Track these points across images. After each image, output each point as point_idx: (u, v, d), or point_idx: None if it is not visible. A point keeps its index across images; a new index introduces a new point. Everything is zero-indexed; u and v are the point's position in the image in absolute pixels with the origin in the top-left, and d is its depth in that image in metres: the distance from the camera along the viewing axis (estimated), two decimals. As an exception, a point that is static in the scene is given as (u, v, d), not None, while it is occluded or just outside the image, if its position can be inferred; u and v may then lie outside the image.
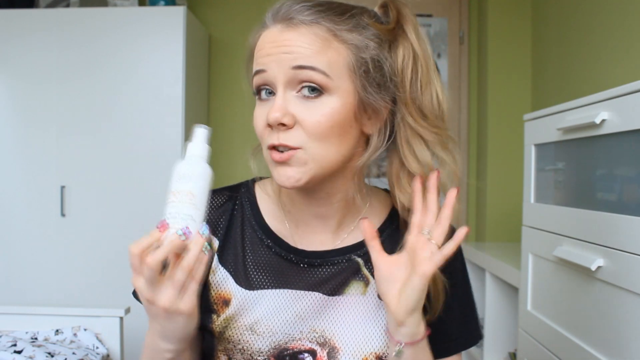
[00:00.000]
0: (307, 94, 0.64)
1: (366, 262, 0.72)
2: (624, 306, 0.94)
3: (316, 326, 0.70)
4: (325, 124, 0.63)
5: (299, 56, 0.63)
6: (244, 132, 2.79)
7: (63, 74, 2.34)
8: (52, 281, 2.34)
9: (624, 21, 1.67)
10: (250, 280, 0.72)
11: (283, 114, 0.63)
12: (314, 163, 0.64)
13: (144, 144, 2.30)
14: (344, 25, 0.65)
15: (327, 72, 0.63)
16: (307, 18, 0.65)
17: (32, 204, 2.36)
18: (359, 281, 0.72)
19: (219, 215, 0.76)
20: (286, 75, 0.64)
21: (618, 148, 1.00)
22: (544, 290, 1.31)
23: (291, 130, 0.64)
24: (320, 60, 0.63)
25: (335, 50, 0.64)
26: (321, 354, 0.70)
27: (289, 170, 0.65)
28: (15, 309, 1.64)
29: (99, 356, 1.52)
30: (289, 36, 0.64)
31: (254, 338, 0.70)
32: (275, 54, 0.64)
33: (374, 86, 0.66)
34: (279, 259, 0.73)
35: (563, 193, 1.25)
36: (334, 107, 0.64)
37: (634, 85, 0.92)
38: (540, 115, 1.32)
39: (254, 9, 2.80)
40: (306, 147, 0.64)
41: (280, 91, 0.64)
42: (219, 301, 0.72)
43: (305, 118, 0.63)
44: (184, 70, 2.33)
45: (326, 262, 0.72)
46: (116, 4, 2.44)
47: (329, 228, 0.74)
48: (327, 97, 0.64)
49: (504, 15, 2.53)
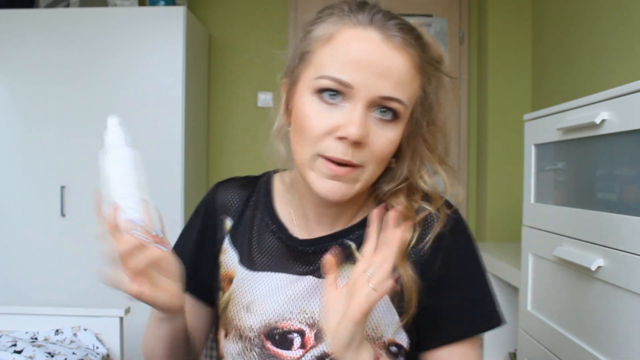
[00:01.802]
0: (382, 117, 0.63)
1: (359, 246, 0.72)
2: (624, 306, 0.94)
3: (306, 307, 0.72)
4: (390, 149, 0.65)
5: (392, 85, 0.61)
6: (244, 132, 2.79)
7: (63, 74, 2.34)
8: (52, 281, 2.34)
9: (624, 21, 1.67)
10: (254, 262, 0.76)
11: (365, 134, 0.61)
12: (363, 182, 0.66)
13: (144, 144, 2.28)
14: (425, 57, 0.66)
15: (408, 105, 0.64)
16: (405, 40, 0.62)
17: (32, 204, 2.36)
18: (351, 264, 0.71)
19: (235, 198, 0.80)
20: (372, 100, 0.62)
21: (618, 148, 1.00)
22: (544, 290, 1.31)
23: (361, 149, 0.62)
24: (408, 92, 0.64)
25: (417, 81, 0.65)
26: (309, 335, 0.71)
27: (339, 185, 0.64)
28: (15, 309, 1.64)
29: (99, 356, 1.52)
30: (390, 54, 0.61)
31: (247, 316, 0.73)
32: (369, 72, 0.61)
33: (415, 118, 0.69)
34: (280, 244, 0.76)
35: (563, 193, 1.25)
36: (398, 134, 0.65)
37: (634, 85, 0.92)
38: (540, 115, 1.32)
39: (254, 9, 2.80)
40: (366, 167, 0.65)
41: (361, 108, 0.61)
42: (225, 279, 0.77)
43: (376, 141, 0.63)
44: (184, 70, 2.33)
45: (320, 248, 0.73)
46: (116, 4, 2.44)
47: (327, 219, 0.75)
48: (396, 124, 0.65)
49: (504, 15, 2.53)
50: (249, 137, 2.76)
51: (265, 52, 3.31)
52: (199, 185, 2.64)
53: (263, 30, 2.76)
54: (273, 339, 0.72)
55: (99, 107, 2.33)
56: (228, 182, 0.83)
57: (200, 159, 2.68)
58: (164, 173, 2.32)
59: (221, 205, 0.81)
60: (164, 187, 2.30)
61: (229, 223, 0.79)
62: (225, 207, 0.80)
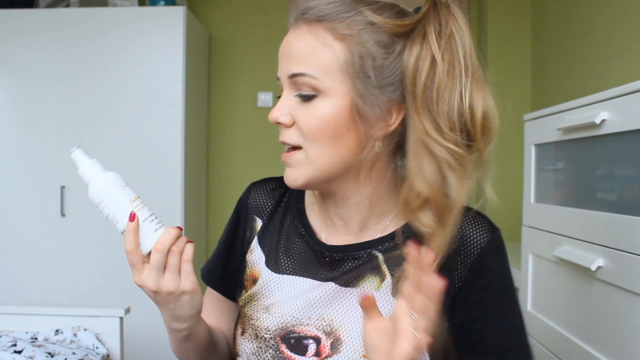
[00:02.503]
0: (303, 93, 0.65)
1: (386, 259, 0.71)
2: (624, 306, 0.94)
3: (325, 314, 0.70)
4: (317, 126, 0.64)
5: (294, 63, 0.65)
6: (244, 132, 2.79)
7: (63, 74, 2.34)
8: (52, 281, 2.34)
9: (624, 21, 1.67)
10: (280, 264, 0.75)
11: (281, 113, 0.67)
12: (310, 165, 0.66)
13: (144, 144, 2.30)
14: (346, 22, 0.63)
15: (317, 75, 0.64)
16: (310, 17, 0.66)
17: (32, 204, 2.36)
18: (375, 276, 0.71)
19: (267, 199, 0.81)
20: (287, 81, 0.67)
21: (618, 148, 1.00)
22: (544, 290, 1.31)
23: (290, 129, 0.67)
24: (311, 64, 0.64)
25: (331, 49, 0.63)
26: (325, 343, 0.70)
27: (289, 171, 0.69)
28: (15, 309, 1.64)
29: (99, 356, 1.52)
30: (291, 38, 0.67)
31: (265, 316, 0.73)
32: (281, 60, 0.68)
33: (374, 88, 0.63)
34: (307, 249, 0.75)
35: (563, 193, 1.25)
36: (325, 108, 0.64)
37: (634, 85, 0.92)
38: (540, 115, 1.32)
39: (254, 9, 2.80)
40: (305, 148, 0.66)
41: (285, 92, 0.68)
42: (250, 279, 0.77)
43: (299, 118, 0.66)
44: (184, 70, 2.33)
45: (347, 256, 0.72)
46: (116, 4, 2.44)
47: (352, 230, 0.73)
48: (321, 99, 0.64)
49: (504, 15, 2.53)
50: (249, 137, 2.76)
51: (265, 52, 3.31)
52: (198, 185, 2.63)
53: (263, 30, 2.76)
54: (288, 343, 0.71)
55: (99, 107, 2.33)
56: (262, 183, 0.84)
57: (200, 159, 2.68)
58: (164, 173, 2.32)
59: (253, 205, 0.81)
60: (164, 187, 2.30)
61: (259, 223, 0.80)
62: (257, 207, 0.81)
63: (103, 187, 0.65)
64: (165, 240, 0.63)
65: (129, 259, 0.63)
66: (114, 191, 0.65)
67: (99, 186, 0.65)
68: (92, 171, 0.66)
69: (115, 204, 0.64)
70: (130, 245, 0.63)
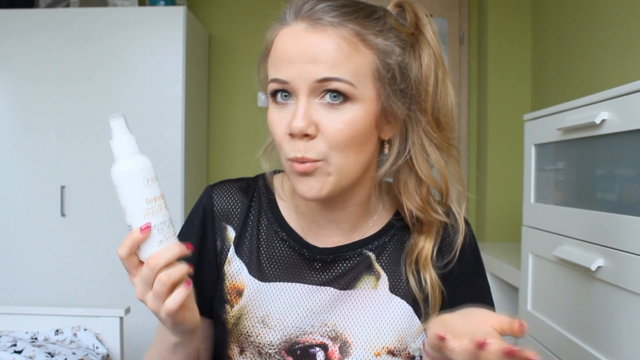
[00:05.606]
0: (331, 101, 0.61)
1: (378, 257, 0.72)
2: (624, 306, 0.94)
3: (327, 320, 0.70)
4: (348, 133, 0.61)
5: (324, 67, 0.59)
6: (244, 132, 2.79)
7: (63, 74, 2.34)
8: (52, 281, 2.34)
9: (624, 21, 1.67)
10: (264, 272, 0.72)
11: (307, 124, 0.60)
12: (336, 174, 0.63)
13: (144, 144, 2.28)
14: (372, 29, 0.62)
15: (353, 82, 0.60)
16: (334, 19, 0.61)
17: (32, 204, 2.36)
18: (371, 275, 0.72)
19: (234, 204, 0.76)
20: (310, 87, 0.61)
21: (618, 148, 1.00)
22: (544, 290, 1.31)
23: (313, 140, 0.61)
24: (347, 69, 0.60)
25: (362, 55, 0.61)
26: (333, 348, 0.69)
27: (311, 181, 0.63)
28: (15, 309, 1.64)
29: (99, 356, 1.52)
30: (314, 39, 0.60)
31: (265, 331, 0.70)
32: (298, 62, 0.60)
33: (397, 93, 0.64)
34: (292, 253, 0.73)
35: (563, 193, 1.25)
36: (357, 115, 0.61)
37: (634, 85, 0.92)
38: (540, 115, 1.32)
39: (254, 9, 2.80)
40: (328, 159, 0.62)
41: (303, 99, 0.61)
42: (232, 291, 0.72)
43: (327, 126, 0.61)
44: (184, 70, 2.33)
45: (338, 257, 0.72)
46: (116, 4, 2.44)
47: (342, 231, 0.73)
48: (351, 104, 0.61)
49: (504, 15, 2.53)
50: (249, 137, 2.76)
51: (265, 52, 3.24)
52: (198, 185, 2.63)
53: (263, 31, 2.76)
54: (294, 355, 0.69)
55: (99, 107, 2.33)
56: (224, 186, 0.78)
57: (200, 159, 2.68)
58: (164, 173, 2.31)
59: (220, 211, 0.75)
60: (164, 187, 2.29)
61: (232, 232, 0.74)
62: (225, 214, 0.75)
63: (126, 173, 0.58)
64: (160, 259, 0.56)
65: (122, 263, 0.59)
66: (134, 183, 0.58)
67: (122, 170, 0.58)
68: (126, 149, 0.59)
69: (130, 197, 0.58)
70: (122, 252, 0.58)
